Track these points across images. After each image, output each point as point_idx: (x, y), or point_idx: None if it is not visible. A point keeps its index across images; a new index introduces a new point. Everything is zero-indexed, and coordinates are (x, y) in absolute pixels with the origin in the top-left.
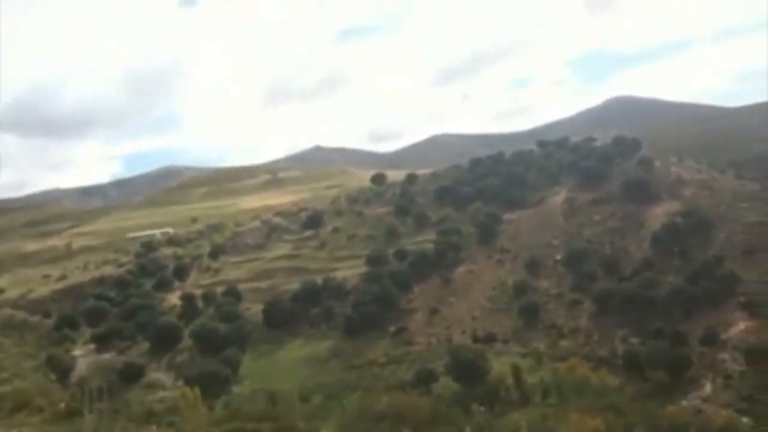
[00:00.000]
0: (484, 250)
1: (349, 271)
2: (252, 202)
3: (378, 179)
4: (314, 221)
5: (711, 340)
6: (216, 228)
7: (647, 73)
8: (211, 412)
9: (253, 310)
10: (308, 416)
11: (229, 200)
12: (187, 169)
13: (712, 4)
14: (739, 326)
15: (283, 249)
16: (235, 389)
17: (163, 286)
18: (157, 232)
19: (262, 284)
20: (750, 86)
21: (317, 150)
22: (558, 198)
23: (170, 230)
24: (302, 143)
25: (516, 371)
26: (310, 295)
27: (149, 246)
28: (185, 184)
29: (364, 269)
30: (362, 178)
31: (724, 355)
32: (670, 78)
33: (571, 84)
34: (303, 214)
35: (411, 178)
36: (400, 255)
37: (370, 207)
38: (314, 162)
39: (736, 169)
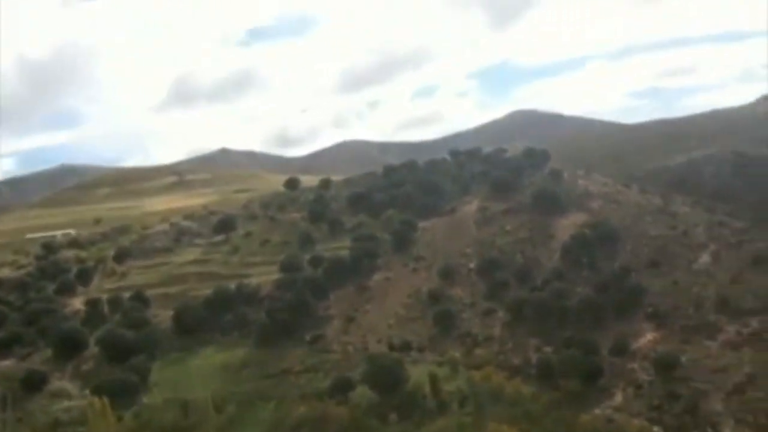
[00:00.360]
0: (399, 258)
1: (263, 277)
2: (158, 204)
3: (291, 184)
4: (225, 225)
5: (621, 350)
6: (121, 230)
7: (548, 88)
8: (120, 422)
9: (161, 316)
10: (222, 427)
11: (133, 202)
12: (86, 168)
13: (608, 24)
14: (647, 336)
15: (193, 253)
16: (145, 399)
17: (66, 290)
18: (58, 233)
19: (172, 290)
20: (644, 103)
21: (224, 152)
22: (471, 207)
23: (72, 231)
24: (207, 145)
25: (433, 380)
26: (222, 302)
27: (50, 248)
28: (85, 184)
29: (278, 275)
30: (272, 182)
31: (634, 365)
32: (570, 94)
33: (475, 96)
34: (213, 218)
35: (324, 184)
36: (315, 261)
37: (283, 212)
38: (221, 165)
39: (639, 183)
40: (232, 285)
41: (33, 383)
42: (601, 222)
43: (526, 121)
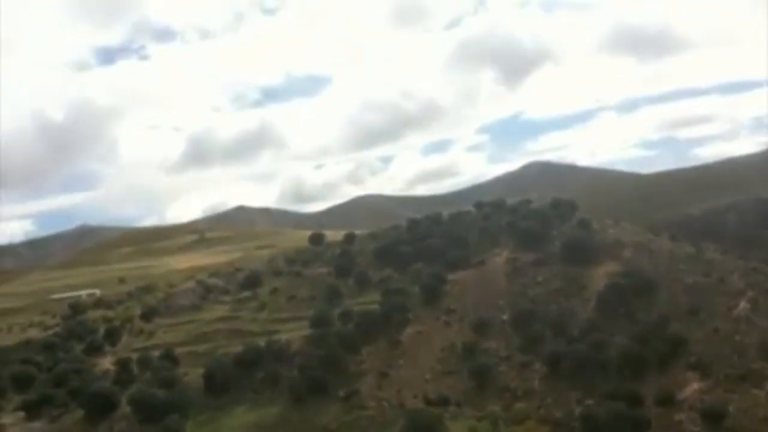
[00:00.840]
0: (430, 311)
1: (293, 333)
2: (181, 262)
3: (316, 239)
4: (252, 282)
5: (666, 400)
6: (146, 289)
7: (559, 141)
8: None
9: (191, 375)
10: None
11: (155, 260)
12: (104, 228)
13: (617, 77)
14: (692, 386)
15: (220, 311)
16: None
17: (94, 350)
18: (83, 293)
19: (200, 348)
20: (655, 154)
21: (240, 210)
22: (500, 258)
23: (96, 291)
24: (223, 203)
25: None
26: (252, 359)
27: (76, 308)
28: (105, 244)
29: (307, 331)
30: (293, 237)
31: (681, 416)
32: (581, 145)
33: (487, 149)
34: (239, 275)
35: (349, 238)
36: (345, 316)
37: (308, 267)
38: (237, 222)
39: (663, 232)
40: (262, 342)
41: None
42: (635, 271)
43: (540, 172)
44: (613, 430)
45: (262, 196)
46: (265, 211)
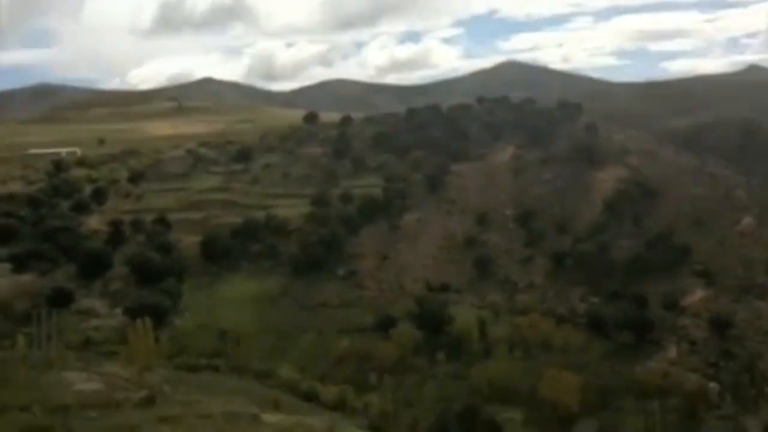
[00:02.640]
0: (431, 200)
1: (289, 210)
2: (160, 128)
3: (310, 118)
4: (244, 155)
5: (671, 305)
6: (131, 153)
7: (532, 42)
8: (157, 344)
9: (185, 242)
10: (262, 356)
11: (132, 124)
12: (64, 88)
13: None
14: (697, 294)
15: (211, 181)
16: (177, 322)
17: (81, 208)
18: (62, 150)
19: (194, 215)
20: (625, 63)
21: (208, 82)
22: (504, 155)
23: (77, 150)
24: (189, 73)
25: (481, 323)
26: (250, 231)
27: (60, 165)
28: (80, 104)
29: (304, 209)
30: (275, 115)
31: (686, 321)
32: (554, 49)
33: (461, 43)
34: (230, 147)
35: (346, 120)
36: (346, 198)
37: (302, 146)
38: (205, 94)
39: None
40: (260, 215)
41: (59, 300)
42: (642, 178)
43: (514, 72)
44: (618, 328)
45: (230, 70)
46: (234, 86)
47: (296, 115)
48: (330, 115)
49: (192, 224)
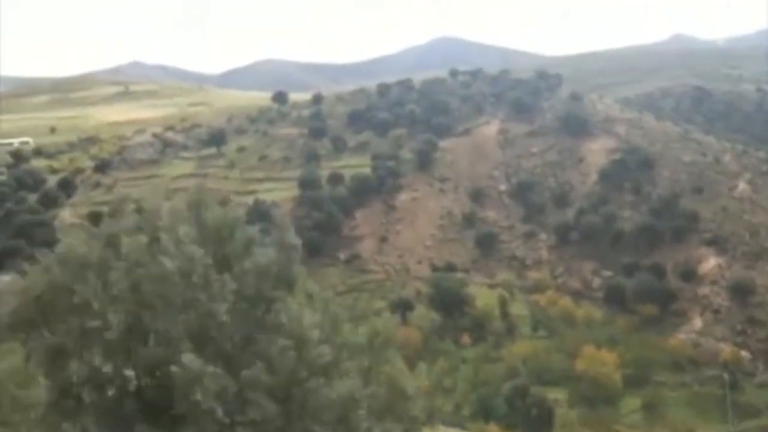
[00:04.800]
0: (423, 178)
1: (275, 194)
2: (109, 114)
3: (279, 98)
4: (215, 138)
5: (688, 274)
6: (91, 140)
7: (466, 16)
8: None
9: None
10: None
11: (78, 111)
12: None
13: None
14: (710, 262)
15: (184, 167)
16: None
17: (49, 201)
18: (14, 141)
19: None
20: (556, 36)
21: (136, 65)
22: (490, 128)
23: (29, 140)
24: (117, 57)
25: (502, 303)
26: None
27: (19, 156)
28: (20, 92)
29: (290, 192)
30: (227, 96)
31: (705, 290)
32: (484, 21)
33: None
34: (198, 131)
35: (317, 99)
36: (335, 179)
37: (275, 127)
38: (134, 78)
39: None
40: (248, 201)
41: None
42: (635, 147)
43: (450, 48)
44: (640, 300)
45: (157, 53)
46: (162, 68)
47: (250, 97)
48: (296, 95)
49: None
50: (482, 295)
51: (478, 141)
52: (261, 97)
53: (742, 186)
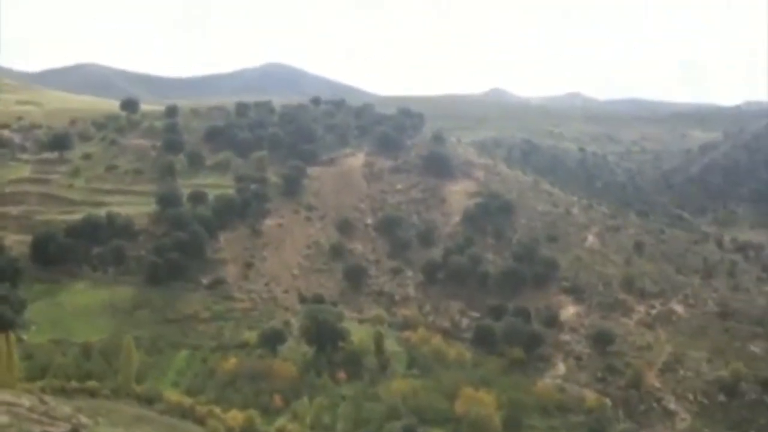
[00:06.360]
0: (289, 204)
1: (128, 208)
2: None
3: (129, 105)
4: (58, 142)
5: (551, 320)
6: None
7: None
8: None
9: (7, 239)
10: (138, 375)
11: None
12: None
13: None
14: (570, 310)
15: (22, 170)
16: (24, 337)
17: None
18: None
19: (13, 210)
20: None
21: None
22: (356, 160)
23: None
24: None
25: (378, 339)
26: (90, 231)
27: None
28: None
29: (146, 207)
30: (61, 98)
31: (566, 337)
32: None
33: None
34: (38, 132)
35: (171, 111)
36: (196, 198)
37: (124, 136)
38: None
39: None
40: (97, 213)
41: None
42: (495, 192)
43: (280, 74)
44: (508, 343)
45: None
46: None
47: (91, 101)
48: (151, 107)
49: (11, 220)
50: (354, 330)
51: (345, 171)
52: (105, 102)
53: (591, 239)
